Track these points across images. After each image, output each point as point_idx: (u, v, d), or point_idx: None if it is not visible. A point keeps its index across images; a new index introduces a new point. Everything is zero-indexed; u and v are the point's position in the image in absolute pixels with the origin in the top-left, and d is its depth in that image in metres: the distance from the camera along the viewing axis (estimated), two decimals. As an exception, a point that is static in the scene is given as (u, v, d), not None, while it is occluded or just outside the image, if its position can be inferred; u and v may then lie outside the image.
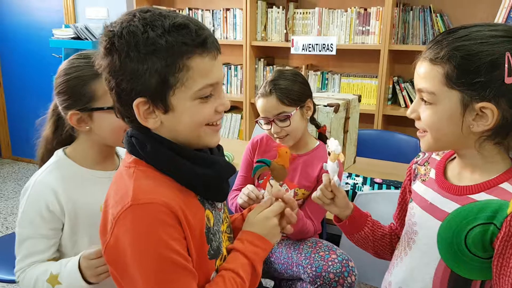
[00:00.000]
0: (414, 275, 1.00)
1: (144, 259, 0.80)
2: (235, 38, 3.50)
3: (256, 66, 3.50)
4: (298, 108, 1.56)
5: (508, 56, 0.81)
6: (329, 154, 1.10)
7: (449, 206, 0.93)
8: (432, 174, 1.02)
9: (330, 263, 1.42)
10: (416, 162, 1.10)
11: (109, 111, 1.10)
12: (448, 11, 2.90)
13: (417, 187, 1.05)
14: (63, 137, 1.23)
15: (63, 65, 1.18)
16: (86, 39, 3.57)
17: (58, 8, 4.06)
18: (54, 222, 1.15)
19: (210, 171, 0.90)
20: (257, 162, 1.16)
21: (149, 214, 0.80)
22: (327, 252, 1.47)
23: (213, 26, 3.55)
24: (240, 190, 1.69)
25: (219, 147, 0.98)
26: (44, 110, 1.27)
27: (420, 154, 1.11)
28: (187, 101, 0.84)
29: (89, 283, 1.09)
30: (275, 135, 1.59)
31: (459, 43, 0.85)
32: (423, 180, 1.04)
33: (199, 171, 0.88)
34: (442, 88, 0.87)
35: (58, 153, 1.21)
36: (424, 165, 1.07)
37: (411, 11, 2.94)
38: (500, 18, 2.63)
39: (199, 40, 0.82)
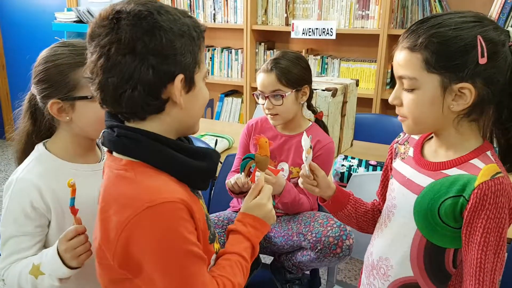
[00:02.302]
0: (393, 245, 1.08)
1: (168, 257, 0.82)
2: (236, 22, 3.52)
3: (257, 50, 3.53)
4: (293, 90, 1.62)
5: (479, 39, 0.89)
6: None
7: (425, 180, 1.01)
8: (411, 152, 1.09)
9: (329, 228, 1.51)
10: (397, 142, 1.17)
11: (93, 100, 1.05)
12: (447, -4, 2.92)
13: (397, 164, 1.12)
14: (42, 129, 1.19)
15: (44, 52, 1.15)
16: (88, 22, 3.59)
17: (60, -9, 4.08)
18: (39, 219, 1.12)
19: (204, 163, 0.92)
20: (243, 159, 1.23)
21: (167, 213, 0.81)
22: (325, 220, 1.55)
23: (214, 9, 3.57)
24: (238, 171, 1.76)
25: (188, 138, 1.01)
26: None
27: (401, 134, 1.17)
28: (201, 80, 0.91)
29: (70, 268, 1.05)
30: (266, 111, 1.66)
31: (434, 30, 0.92)
32: (402, 158, 1.11)
33: (196, 164, 0.90)
34: (422, 73, 0.93)
35: (39, 147, 1.17)
36: (404, 144, 1.13)
37: (411, -4, 2.96)
38: (497, 4, 2.66)
39: (203, 28, 0.90)
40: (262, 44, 3.51)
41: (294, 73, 1.61)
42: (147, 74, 0.81)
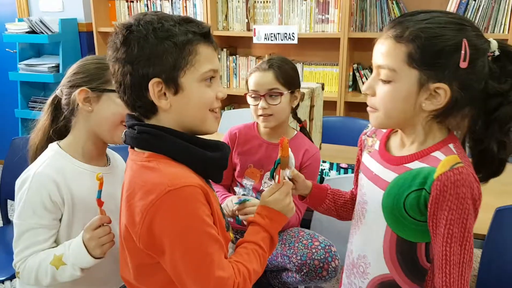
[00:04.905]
0: (368, 242, 1.08)
1: (187, 236, 0.90)
2: (197, 29, 3.47)
3: (219, 56, 3.50)
4: (289, 91, 1.60)
5: (465, 43, 0.88)
6: None
7: (389, 175, 1.01)
8: (377, 145, 1.09)
9: (314, 251, 1.47)
10: (365, 133, 1.16)
11: (117, 97, 1.12)
12: (403, -2, 3.00)
13: (364, 158, 1.12)
14: (58, 126, 1.28)
15: (93, 55, 1.31)
16: (42, 32, 3.46)
17: (10, 1, 3.89)
18: (56, 212, 1.19)
19: (218, 154, 1.01)
20: (276, 164, 1.24)
21: (187, 196, 0.90)
22: (309, 240, 1.51)
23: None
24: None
25: None
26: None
27: (369, 125, 1.16)
28: (195, 82, 0.95)
29: (94, 257, 1.12)
30: (260, 111, 1.59)
31: (423, 25, 0.90)
32: (369, 151, 1.11)
33: (210, 155, 0.98)
34: (403, 66, 0.92)
35: (53, 146, 1.25)
36: (372, 137, 1.13)
37: (368, -1, 3.01)
38: (452, 4, 2.75)
39: (204, 31, 0.97)
40: (225, 49, 3.48)
41: (290, 74, 1.61)
42: (127, 79, 0.93)
